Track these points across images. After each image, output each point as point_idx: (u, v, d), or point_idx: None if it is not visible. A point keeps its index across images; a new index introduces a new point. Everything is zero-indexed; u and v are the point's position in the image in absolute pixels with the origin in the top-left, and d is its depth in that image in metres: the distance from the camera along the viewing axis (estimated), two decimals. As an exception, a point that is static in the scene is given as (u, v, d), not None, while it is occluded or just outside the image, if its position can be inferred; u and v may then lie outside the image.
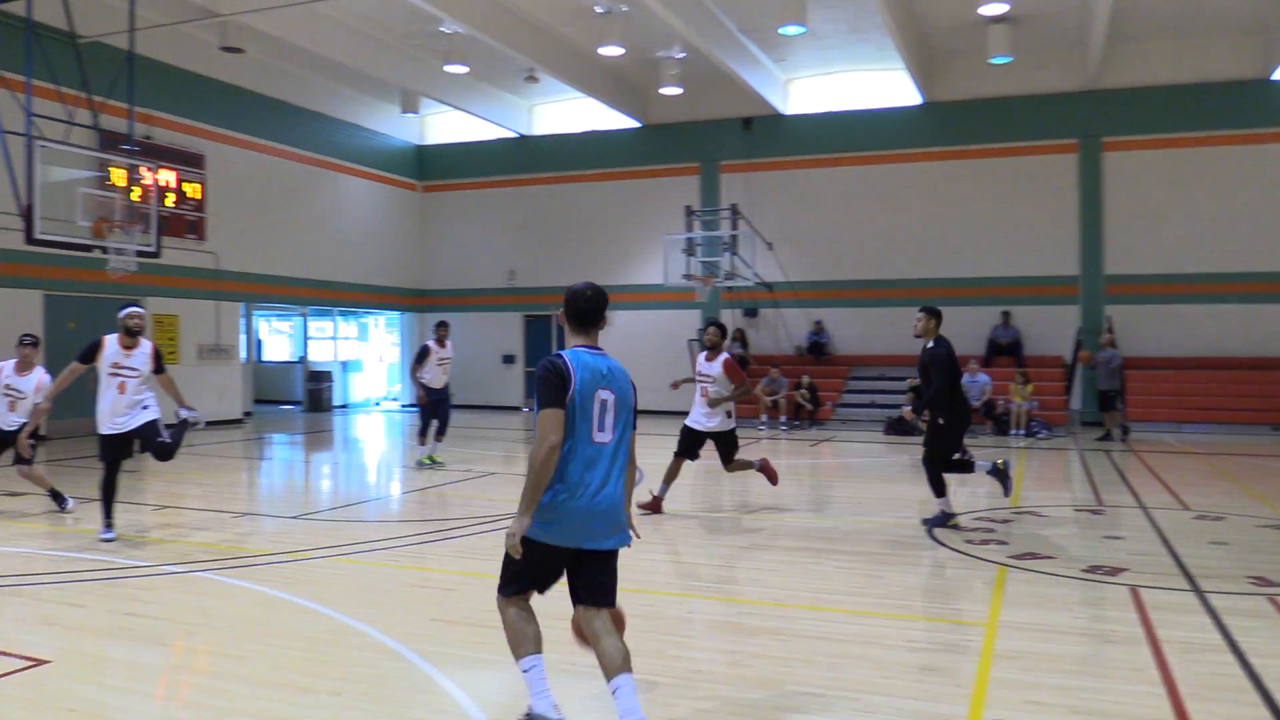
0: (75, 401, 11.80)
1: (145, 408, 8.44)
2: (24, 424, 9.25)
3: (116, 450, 8.49)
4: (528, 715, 4.11)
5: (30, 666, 5.12)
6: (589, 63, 21.10)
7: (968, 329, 19.81)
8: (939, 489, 9.00)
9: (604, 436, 4.14)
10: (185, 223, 19.53)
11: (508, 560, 4.17)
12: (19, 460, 9.48)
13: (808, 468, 14.60)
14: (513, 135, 25.66)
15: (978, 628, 5.83)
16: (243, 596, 6.70)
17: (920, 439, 10.33)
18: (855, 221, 22.61)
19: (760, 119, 23.11)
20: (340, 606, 6.23)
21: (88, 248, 13.89)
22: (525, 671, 4.13)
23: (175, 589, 6.90)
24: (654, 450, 11.83)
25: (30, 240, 12.78)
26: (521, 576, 4.20)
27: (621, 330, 24.35)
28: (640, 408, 4.42)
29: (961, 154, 21.94)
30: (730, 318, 23.57)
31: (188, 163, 19.65)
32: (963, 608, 6.57)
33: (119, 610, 6.27)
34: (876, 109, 22.33)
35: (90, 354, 8.35)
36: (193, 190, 19.77)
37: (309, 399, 24.26)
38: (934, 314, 8.99)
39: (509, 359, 25.90)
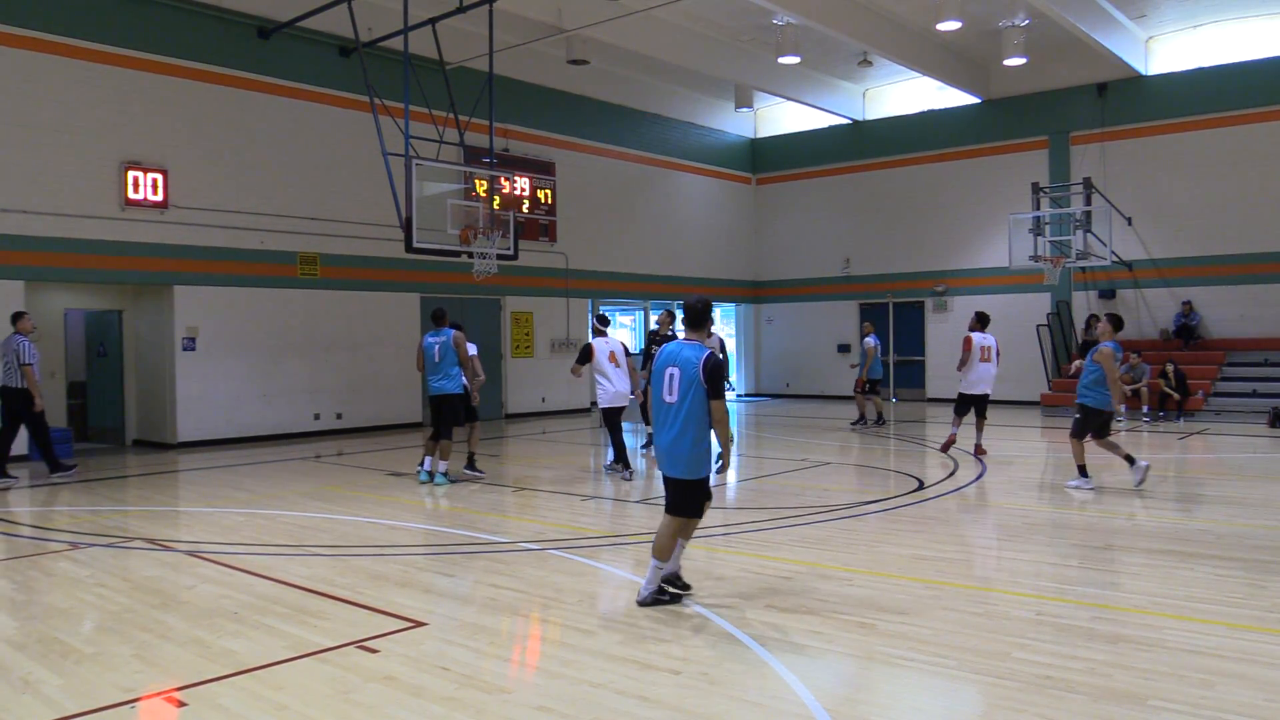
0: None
1: None
2: None
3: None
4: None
5: (410, 628, 5.74)
6: (925, 40, 20.38)
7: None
8: None
9: (670, 398, 6.01)
10: (538, 226, 21.07)
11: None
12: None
13: (1174, 463, 13.26)
14: (845, 121, 25.37)
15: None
16: (590, 574, 7.12)
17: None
18: (1232, 190, 20.18)
19: (1116, 83, 21.24)
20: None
21: (456, 253, 15.29)
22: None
23: (531, 564, 7.45)
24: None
25: (410, 249, 14.19)
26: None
27: (961, 316, 23.36)
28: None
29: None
30: (1084, 300, 21.93)
31: (540, 170, 21.16)
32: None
33: (484, 581, 6.87)
34: (1256, 60, 19.76)
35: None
36: (544, 196, 21.28)
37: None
38: None
39: (844, 348, 25.64)
